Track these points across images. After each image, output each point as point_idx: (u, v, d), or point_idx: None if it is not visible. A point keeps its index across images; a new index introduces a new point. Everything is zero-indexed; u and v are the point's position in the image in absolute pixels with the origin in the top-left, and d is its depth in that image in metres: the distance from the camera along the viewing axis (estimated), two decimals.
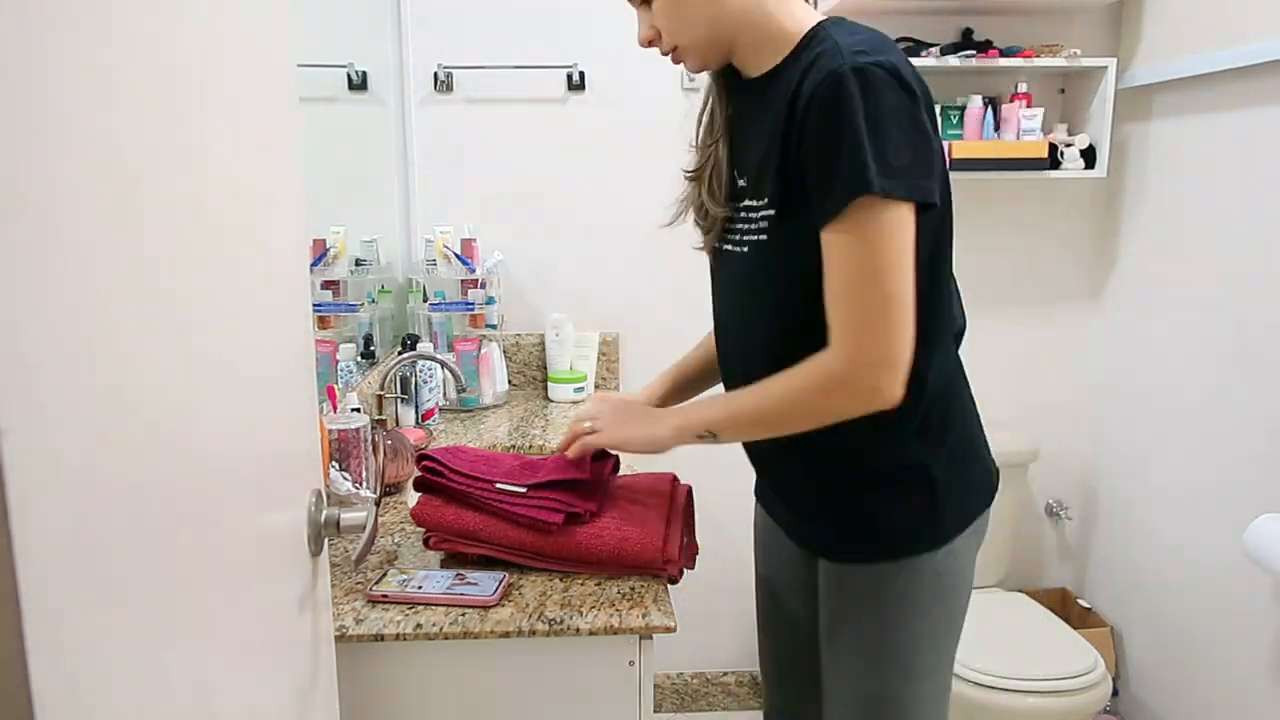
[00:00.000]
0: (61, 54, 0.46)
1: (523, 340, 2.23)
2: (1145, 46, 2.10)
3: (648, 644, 1.07)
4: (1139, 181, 2.16)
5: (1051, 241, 2.31)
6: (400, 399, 1.80)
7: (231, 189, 0.68)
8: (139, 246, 0.53)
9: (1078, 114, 2.18)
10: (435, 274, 2.10)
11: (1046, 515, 2.45)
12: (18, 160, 0.42)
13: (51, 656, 0.43)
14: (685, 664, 2.43)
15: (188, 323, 0.60)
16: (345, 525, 0.88)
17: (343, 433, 1.30)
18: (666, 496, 1.26)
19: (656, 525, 1.16)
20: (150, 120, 0.55)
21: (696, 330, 2.31)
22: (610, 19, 2.15)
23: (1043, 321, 2.35)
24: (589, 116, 2.18)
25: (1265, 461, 1.76)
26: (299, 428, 0.85)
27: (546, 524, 1.12)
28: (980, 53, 2.05)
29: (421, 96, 2.16)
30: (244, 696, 0.69)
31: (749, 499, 1.55)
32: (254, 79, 0.74)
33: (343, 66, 1.75)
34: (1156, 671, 2.11)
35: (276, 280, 0.78)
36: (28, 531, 0.41)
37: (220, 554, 0.65)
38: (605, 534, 1.13)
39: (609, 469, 1.29)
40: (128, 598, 0.51)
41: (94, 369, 0.48)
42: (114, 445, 0.50)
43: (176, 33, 0.59)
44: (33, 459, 0.42)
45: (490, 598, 1.06)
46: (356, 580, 1.13)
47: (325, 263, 1.60)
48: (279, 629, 0.77)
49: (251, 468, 0.72)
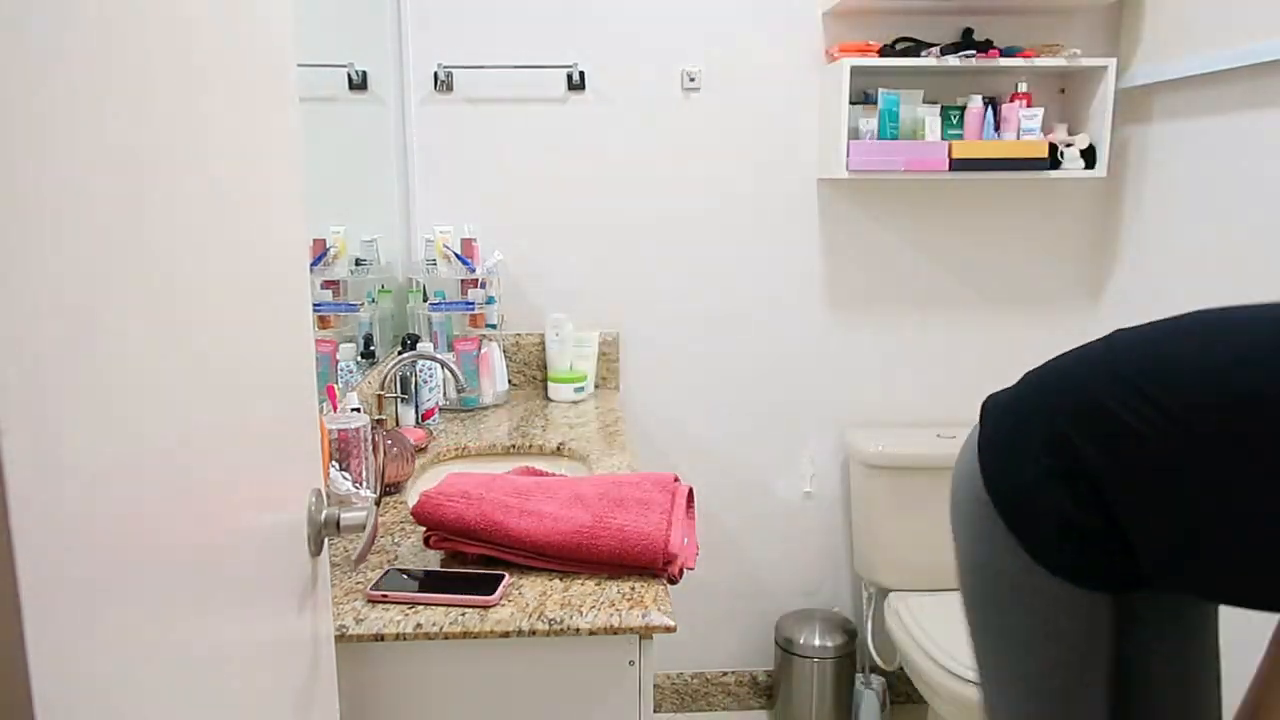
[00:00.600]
0: (61, 54, 0.46)
1: (523, 340, 2.23)
2: (1145, 46, 2.10)
3: (648, 644, 1.07)
4: (1139, 181, 2.16)
5: (1051, 241, 2.31)
6: (400, 399, 1.80)
7: (232, 189, 0.68)
8: (139, 246, 0.53)
9: (1078, 114, 2.18)
10: (435, 274, 2.10)
11: None
12: (17, 161, 0.42)
13: (51, 656, 0.43)
14: (685, 664, 2.43)
15: (187, 322, 0.60)
16: (345, 525, 0.88)
17: (343, 433, 1.30)
18: (668, 496, 1.26)
19: (658, 524, 1.16)
20: (150, 120, 0.55)
21: (696, 330, 2.33)
22: (610, 19, 2.15)
23: (1043, 321, 2.35)
24: (589, 116, 2.18)
25: None
26: (299, 428, 0.85)
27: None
28: (980, 53, 2.05)
29: (421, 96, 2.16)
30: (244, 696, 0.69)
31: (749, 499, 1.56)
32: (254, 79, 0.74)
33: (343, 66, 1.75)
34: None
35: (276, 280, 0.78)
36: (28, 531, 0.41)
37: (220, 553, 0.65)
38: (606, 533, 1.13)
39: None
40: (127, 597, 0.51)
41: (94, 370, 0.48)
42: (114, 445, 0.50)
43: (176, 33, 0.59)
44: (33, 459, 0.42)
45: (490, 598, 1.06)
46: (356, 580, 1.13)
47: (325, 263, 1.60)
48: (279, 629, 0.77)
49: (251, 468, 0.72)
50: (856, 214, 2.27)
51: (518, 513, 1.16)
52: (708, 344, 2.28)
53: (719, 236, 2.23)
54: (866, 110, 2.10)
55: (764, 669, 2.44)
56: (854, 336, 2.32)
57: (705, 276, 2.25)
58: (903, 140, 2.08)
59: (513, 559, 1.15)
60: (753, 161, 2.22)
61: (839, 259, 2.28)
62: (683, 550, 1.17)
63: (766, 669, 2.44)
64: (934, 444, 2.18)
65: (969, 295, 2.32)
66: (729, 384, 2.31)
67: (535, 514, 1.16)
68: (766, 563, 2.40)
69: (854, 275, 2.29)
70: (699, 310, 2.27)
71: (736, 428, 2.33)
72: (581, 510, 1.18)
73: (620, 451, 1.70)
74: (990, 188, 2.28)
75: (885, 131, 2.08)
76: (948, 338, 2.34)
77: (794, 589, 2.42)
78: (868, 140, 2.06)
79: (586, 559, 1.14)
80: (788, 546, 2.39)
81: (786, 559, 2.40)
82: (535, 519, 1.15)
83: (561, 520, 1.15)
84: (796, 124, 2.21)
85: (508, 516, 1.16)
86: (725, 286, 2.25)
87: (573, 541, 1.13)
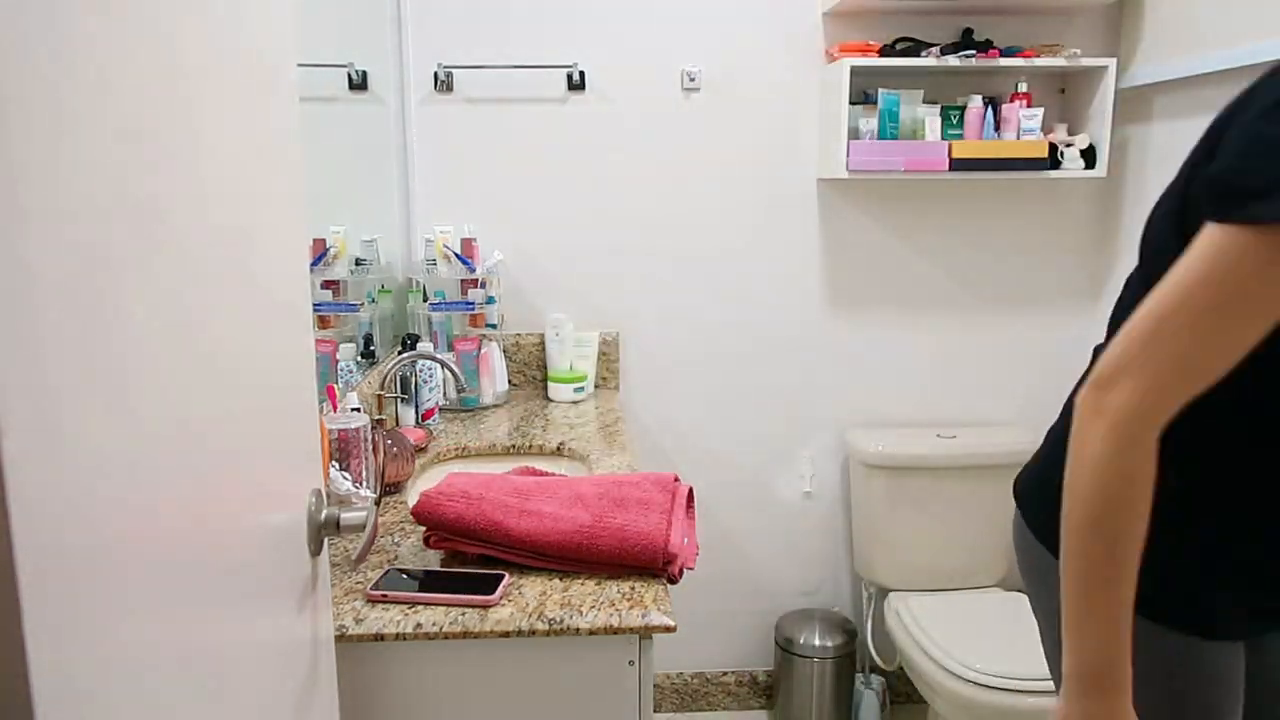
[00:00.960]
0: (61, 53, 0.46)
1: (523, 340, 2.23)
2: (1145, 46, 2.10)
3: (648, 644, 1.07)
4: (1139, 181, 2.16)
5: (1051, 241, 2.31)
6: (400, 399, 1.80)
7: (232, 188, 0.69)
8: (138, 246, 0.53)
9: (1078, 114, 2.18)
10: (435, 274, 2.10)
11: None
12: (16, 161, 0.41)
13: (51, 656, 0.43)
14: (685, 664, 2.43)
15: (187, 322, 0.60)
16: (345, 525, 0.88)
17: (343, 432, 1.30)
18: (668, 496, 1.26)
19: (658, 524, 1.16)
20: (150, 119, 0.55)
21: (696, 330, 2.32)
22: (610, 19, 2.15)
23: (1043, 321, 2.35)
24: (589, 116, 2.18)
25: None
26: (299, 428, 0.85)
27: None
28: (980, 53, 2.05)
29: (421, 96, 2.16)
30: (244, 695, 0.69)
31: (749, 499, 1.55)
32: (254, 78, 0.74)
33: (343, 66, 1.75)
34: None
35: (277, 280, 0.78)
36: (28, 531, 0.41)
37: (220, 553, 0.65)
38: (606, 533, 1.13)
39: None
40: (127, 597, 0.51)
41: (94, 369, 0.48)
42: (114, 445, 0.50)
43: (177, 32, 0.59)
44: (33, 459, 0.42)
45: (490, 598, 1.06)
46: (356, 580, 1.13)
47: (325, 262, 1.60)
48: (279, 628, 0.77)
49: (251, 467, 0.72)
50: (856, 214, 2.27)
51: (517, 513, 1.16)
52: (708, 344, 2.28)
53: (719, 236, 2.23)
54: (866, 110, 2.10)
55: (764, 669, 2.44)
56: (854, 336, 2.32)
57: (705, 276, 2.25)
58: (903, 140, 2.08)
59: (512, 559, 1.15)
60: (753, 161, 2.22)
61: (839, 259, 2.28)
62: (682, 550, 1.17)
63: (766, 669, 2.44)
64: (934, 444, 2.18)
65: (969, 295, 2.32)
66: (729, 384, 2.30)
67: (535, 514, 1.16)
68: (766, 563, 2.40)
69: (854, 275, 2.29)
70: (699, 310, 2.26)
71: (736, 427, 2.33)
72: (581, 510, 1.18)
73: (620, 451, 1.70)
74: (990, 188, 2.28)
75: (885, 131, 2.08)
76: (947, 337, 2.34)
77: (794, 589, 2.42)
78: (868, 140, 2.06)
79: (586, 559, 1.14)
80: (788, 546, 2.39)
81: (786, 559, 2.40)
82: (535, 519, 1.15)
83: (562, 520, 1.15)
84: (796, 124, 2.21)
85: (507, 516, 1.16)
86: (725, 286, 2.25)
87: (573, 541, 1.13)
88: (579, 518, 1.16)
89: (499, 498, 1.19)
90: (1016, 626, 2.00)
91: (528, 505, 1.18)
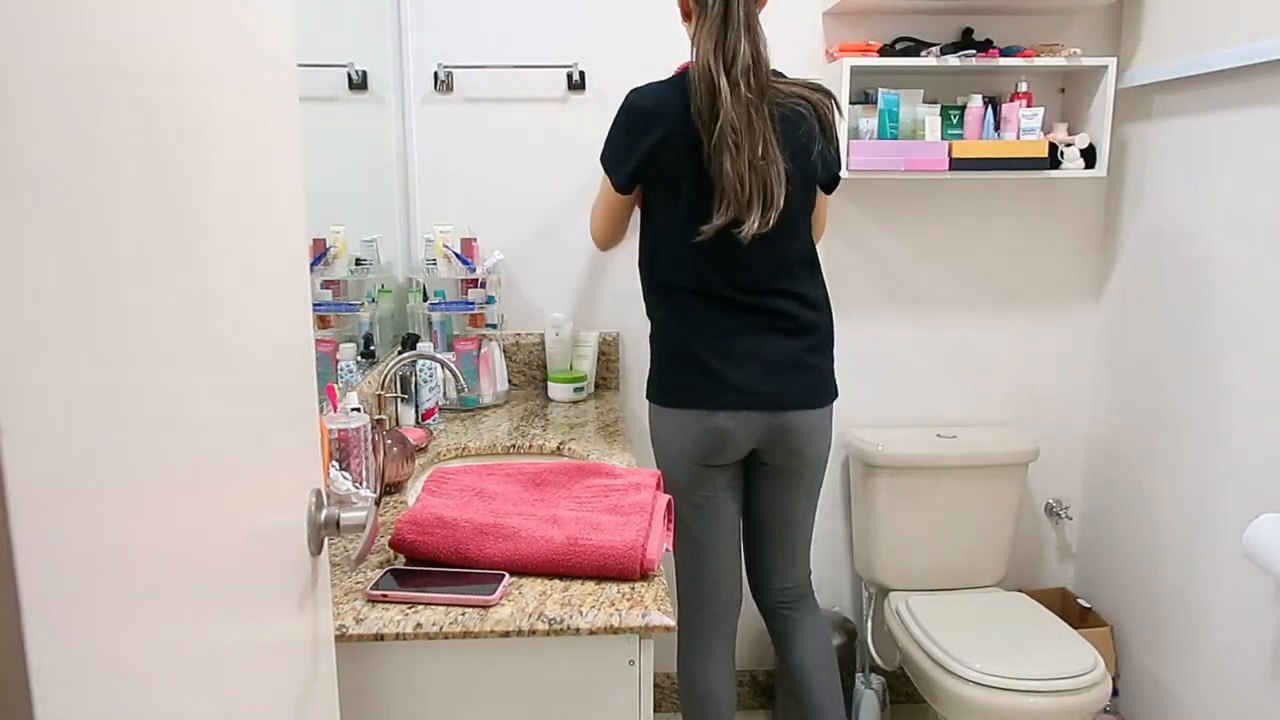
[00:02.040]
0: (61, 53, 0.46)
1: (523, 340, 2.23)
2: (1145, 46, 2.11)
3: (647, 644, 1.07)
4: (1139, 181, 2.16)
5: (1051, 241, 2.31)
6: (400, 398, 1.80)
7: (231, 188, 0.69)
8: (138, 246, 0.53)
9: (1078, 114, 2.18)
10: (435, 274, 2.10)
11: (1046, 515, 2.45)
12: (15, 161, 0.42)
13: (51, 656, 0.43)
14: None
15: (187, 322, 0.60)
16: (345, 525, 0.88)
17: (343, 432, 1.30)
18: (649, 496, 1.26)
19: (635, 539, 1.15)
20: (149, 119, 0.55)
21: None
22: (610, 19, 2.15)
23: (1043, 321, 2.35)
24: (589, 116, 2.18)
25: (1265, 461, 1.76)
26: (299, 427, 0.85)
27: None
28: (980, 52, 2.05)
29: (421, 96, 2.16)
30: (244, 696, 0.69)
31: None
32: (254, 78, 0.74)
33: (343, 66, 1.75)
34: (1156, 671, 2.11)
35: (276, 280, 0.78)
36: (28, 531, 0.41)
37: (220, 553, 0.65)
38: (582, 555, 1.13)
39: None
40: (127, 597, 0.51)
41: (94, 369, 0.48)
42: (114, 445, 0.50)
43: (176, 32, 0.59)
44: (33, 459, 0.42)
45: (490, 598, 1.06)
46: (356, 580, 1.13)
47: (325, 262, 1.60)
48: (279, 628, 0.77)
49: (251, 467, 0.72)
50: (856, 214, 2.27)
51: (493, 537, 1.15)
52: None
53: None
54: (866, 110, 2.10)
55: (764, 669, 2.44)
56: (854, 336, 2.32)
57: None
58: (903, 140, 2.09)
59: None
60: None
61: (839, 259, 2.28)
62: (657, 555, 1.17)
63: (766, 669, 2.44)
64: (934, 444, 2.18)
65: (969, 295, 2.32)
66: None
67: (511, 536, 1.15)
68: None
69: (854, 275, 2.29)
70: None
71: None
72: (557, 529, 1.17)
73: (620, 452, 1.70)
74: (990, 187, 2.28)
75: (885, 131, 2.08)
76: (948, 337, 2.34)
77: None
78: (868, 140, 2.06)
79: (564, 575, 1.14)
80: None
81: None
82: (510, 542, 1.14)
83: (537, 542, 1.14)
84: None
85: (483, 543, 1.15)
86: None
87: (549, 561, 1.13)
88: (554, 538, 1.15)
89: (476, 520, 1.17)
90: (1016, 626, 2.00)
91: (504, 526, 1.17)
